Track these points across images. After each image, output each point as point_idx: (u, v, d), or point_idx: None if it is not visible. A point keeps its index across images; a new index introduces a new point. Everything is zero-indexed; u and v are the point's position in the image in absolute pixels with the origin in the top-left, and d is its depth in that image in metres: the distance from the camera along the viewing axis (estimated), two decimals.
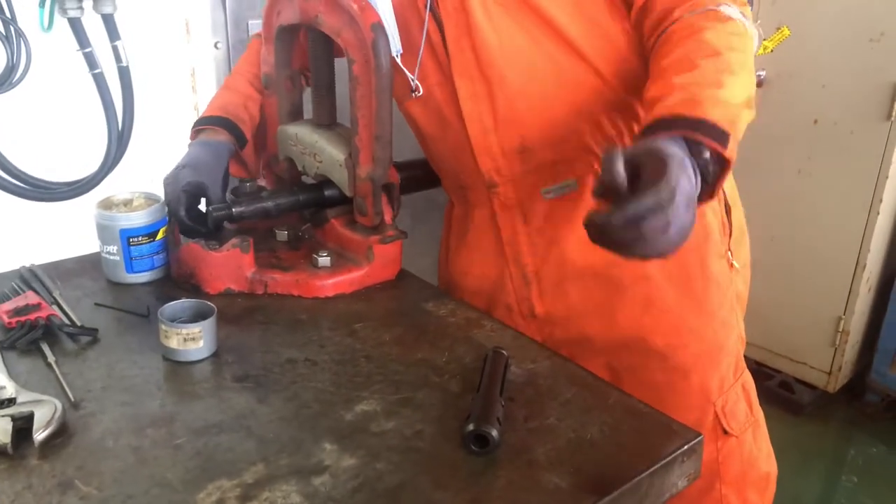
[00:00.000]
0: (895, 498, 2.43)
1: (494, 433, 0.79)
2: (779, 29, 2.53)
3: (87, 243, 1.23)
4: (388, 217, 1.18)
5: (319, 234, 1.25)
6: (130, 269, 1.16)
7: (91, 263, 1.22)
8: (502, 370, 0.91)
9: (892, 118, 2.38)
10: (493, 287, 1.27)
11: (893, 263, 2.68)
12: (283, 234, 1.25)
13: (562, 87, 1.11)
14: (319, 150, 1.20)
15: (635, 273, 1.16)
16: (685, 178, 0.79)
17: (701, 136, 0.86)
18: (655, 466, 0.80)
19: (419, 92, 1.16)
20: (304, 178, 1.29)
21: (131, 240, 1.14)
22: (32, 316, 1.02)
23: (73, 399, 0.88)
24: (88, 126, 1.97)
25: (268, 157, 1.34)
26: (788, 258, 2.69)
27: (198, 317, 1.00)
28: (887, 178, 2.44)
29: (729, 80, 0.91)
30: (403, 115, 1.25)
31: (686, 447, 0.83)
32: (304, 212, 1.27)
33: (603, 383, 0.95)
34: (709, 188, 0.89)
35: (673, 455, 0.82)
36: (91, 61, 1.92)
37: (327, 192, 1.22)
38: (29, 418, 0.81)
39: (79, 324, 1.04)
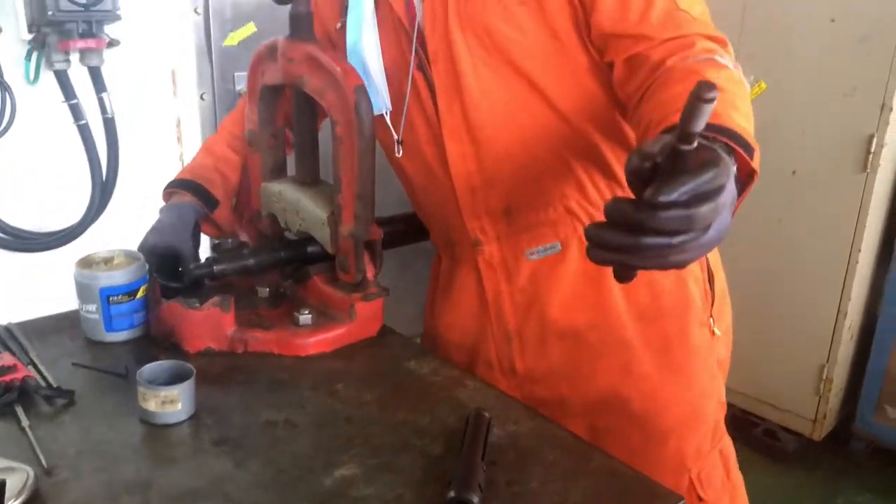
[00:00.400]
0: None
1: (476, 500, 0.78)
2: (756, 83, 2.58)
3: (68, 294, 1.21)
4: (370, 274, 1.18)
5: (301, 291, 1.25)
6: (110, 327, 1.15)
7: (70, 321, 1.20)
8: (484, 433, 0.90)
9: (868, 170, 2.43)
10: (475, 342, 1.27)
11: (874, 311, 2.70)
12: (264, 291, 1.24)
13: (548, 151, 1.12)
14: (302, 208, 1.21)
15: (615, 338, 1.17)
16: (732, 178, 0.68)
17: (726, 139, 0.78)
18: None
19: (400, 153, 1.17)
20: (286, 233, 1.29)
21: (111, 298, 1.13)
22: (7, 378, 1.00)
23: (45, 465, 0.86)
24: (73, 176, 1.98)
25: (251, 213, 1.34)
26: (771, 306, 2.71)
27: (176, 378, 0.99)
28: (865, 227, 2.48)
29: (735, 113, 0.86)
30: (392, 167, 1.26)
31: None
32: (285, 268, 1.27)
33: (585, 445, 0.94)
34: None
35: None
36: (76, 113, 1.93)
37: (309, 249, 1.23)
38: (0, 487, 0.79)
39: (55, 385, 1.03)
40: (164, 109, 2.16)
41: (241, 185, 1.33)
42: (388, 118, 1.16)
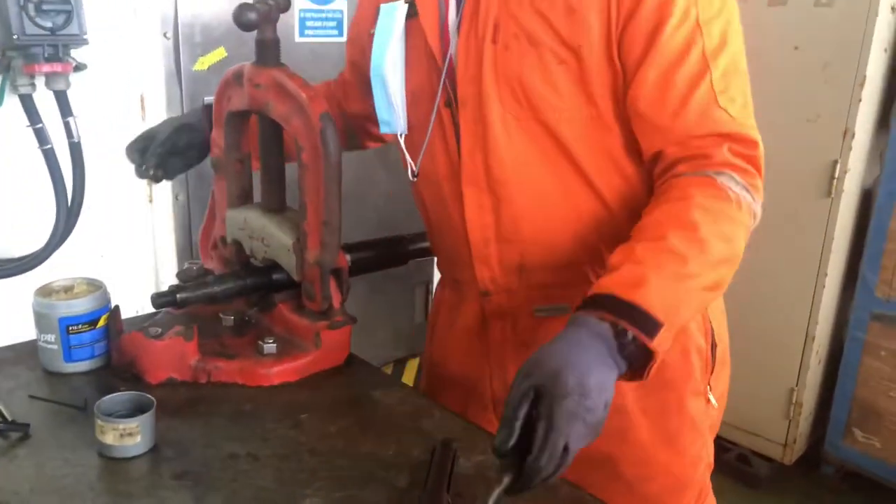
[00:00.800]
0: None
1: None
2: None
3: (31, 322, 1.18)
4: (336, 302, 1.17)
5: (267, 319, 1.23)
6: (69, 358, 1.12)
7: (28, 351, 1.17)
8: (450, 465, 0.89)
9: (832, 195, 2.47)
10: (473, 384, 1.24)
11: (841, 335, 2.73)
12: (228, 319, 1.22)
13: (568, 214, 1.09)
14: (268, 235, 1.19)
15: (613, 402, 1.15)
16: (578, 424, 0.81)
17: (627, 323, 0.85)
18: None
19: (414, 178, 1.16)
20: (251, 260, 1.27)
21: (70, 328, 1.11)
22: None
23: None
24: (37, 202, 1.94)
25: (215, 239, 1.32)
26: (740, 331, 2.70)
27: (136, 410, 0.96)
28: (831, 252, 2.51)
29: (696, 258, 0.88)
30: (413, 192, 1.24)
31: None
32: (251, 296, 1.25)
33: None
34: (636, 372, 0.89)
35: None
36: (42, 137, 1.90)
37: (275, 277, 1.21)
38: None
39: (10, 418, 0.99)
40: (132, 134, 2.12)
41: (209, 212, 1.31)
42: (402, 141, 1.14)
